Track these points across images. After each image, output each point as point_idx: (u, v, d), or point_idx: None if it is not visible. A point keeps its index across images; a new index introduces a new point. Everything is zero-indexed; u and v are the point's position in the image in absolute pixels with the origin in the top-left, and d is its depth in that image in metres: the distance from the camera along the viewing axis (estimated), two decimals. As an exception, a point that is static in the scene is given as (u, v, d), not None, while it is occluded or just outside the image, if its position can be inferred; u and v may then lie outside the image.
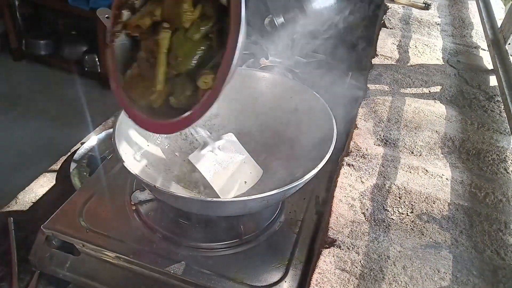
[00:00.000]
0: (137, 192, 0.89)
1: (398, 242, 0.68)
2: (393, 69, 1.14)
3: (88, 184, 0.93)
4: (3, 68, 3.11)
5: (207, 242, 0.82)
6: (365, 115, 0.96)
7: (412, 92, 1.05)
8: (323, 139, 0.87)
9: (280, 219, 0.88)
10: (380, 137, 0.90)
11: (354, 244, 0.67)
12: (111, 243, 0.80)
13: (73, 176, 1.09)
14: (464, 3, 1.54)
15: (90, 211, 0.86)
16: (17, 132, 2.53)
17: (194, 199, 0.78)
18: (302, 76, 1.35)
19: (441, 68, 1.15)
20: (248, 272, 0.77)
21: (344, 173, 0.81)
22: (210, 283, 0.74)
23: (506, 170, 0.83)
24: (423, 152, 0.87)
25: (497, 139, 0.91)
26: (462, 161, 0.86)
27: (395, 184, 0.78)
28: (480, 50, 1.25)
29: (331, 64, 1.45)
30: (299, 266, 0.79)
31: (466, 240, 0.69)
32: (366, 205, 0.74)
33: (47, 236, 0.83)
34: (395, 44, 1.27)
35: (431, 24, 1.39)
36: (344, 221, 0.71)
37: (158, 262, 0.77)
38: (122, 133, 0.84)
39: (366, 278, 0.62)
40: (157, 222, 0.85)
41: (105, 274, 0.83)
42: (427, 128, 0.93)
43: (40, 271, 0.87)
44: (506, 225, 0.72)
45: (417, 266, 0.64)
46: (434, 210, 0.74)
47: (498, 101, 1.03)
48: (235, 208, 0.78)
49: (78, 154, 1.16)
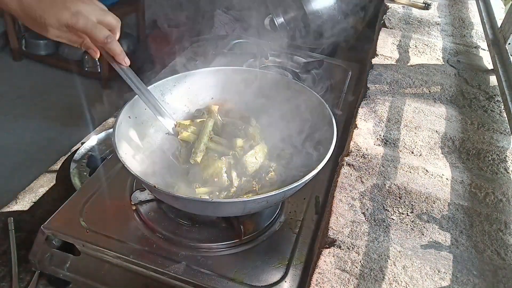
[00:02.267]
0: (137, 192, 0.89)
1: (398, 242, 0.68)
2: (393, 69, 1.14)
3: (88, 184, 0.93)
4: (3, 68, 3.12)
5: (207, 242, 0.82)
6: (365, 115, 0.96)
7: (412, 92, 1.05)
8: (323, 139, 0.87)
9: (280, 219, 0.88)
10: (380, 137, 0.90)
11: (354, 244, 0.67)
12: (111, 243, 0.80)
13: (73, 176, 1.09)
14: (464, 3, 1.54)
15: (90, 211, 0.86)
16: (17, 132, 2.53)
17: (194, 199, 0.78)
18: (302, 76, 1.35)
19: (441, 68, 1.15)
20: (248, 272, 0.77)
21: (344, 173, 0.81)
22: (210, 283, 0.74)
23: (506, 170, 0.83)
24: (423, 152, 0.87)
25: (497, 139, 0.91)
26: (462, 161, 0.86)
27: (395, 184, 0.78)
28: (480, 50, 1.25)
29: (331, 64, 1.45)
30: (299, 266, 0.79)
31: (466, 240, 0.69)
32: (366, 205, 0.74)
33: (47, 236, 0.83)
34: (395, 44, 1.27)
35: (431, 24, 1.39)
36: (344, 221, 0.71)
37: (158, 262, 0.77)
38: (122, 133, 0.84)
39: (366, 278, 0.62)
40: (157, 222, 0.85)
41: (105, 274, 0.83)
42: (427, 128, 0.93)
43: (40, 271, 0.87)
44: (506, 225, 0.72)
45: (417, 266, 0.64)
46: (434, 210, 0.74)
47: (498, 101, 1.03)
48: (235, 209, 0.78)
49: (78, 154, 1.16)
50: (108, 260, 0.82)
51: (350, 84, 1.36)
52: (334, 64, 1.45)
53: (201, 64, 1.32)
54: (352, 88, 1.34)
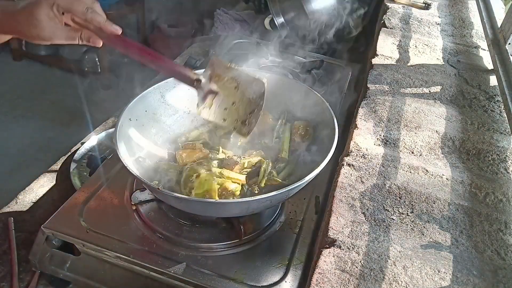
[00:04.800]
0: (137, 192, 0.89)
1: (398, 242, 0.68)
2: (393, 69, 1.14)
3: (88, 184, 0.93)
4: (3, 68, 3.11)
5: (207, 242, 0.82)
6: (365, 115, 0.96)
7: (412, 92, 1.05)
8: (324, 139, 0.87)
9: (280, 219, 0.88)
10: (380, 137, 0.90)
11: (354, 244, 0.67)
12: (111, 243, 0.80)
13: (73, 176, 1.09)
14: (464, 3, 1.54)
15: (90, 211, 0.86)
16: (17, 132, 2.53)
17: (196, 200, 0.78)
18: (302, 76, 1.35)
19: (441, 68, 1.15)
20: (248, 272, 0.77)
21: (344, 173, 0.81)
22: (210, 283, 0.74)
23: (506, 170, 0.83)
24: (423, 152, 0.87)
25: (497, 139, 0.91)
26: (462, 161, 0.86)
27: (395, 184, 0.78)
28: (480, 50, 1.25)
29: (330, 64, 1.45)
30: (299, 266, 0.79)
31: (466, 240, 0.69)
32: (366, 205, 0.74)
33: (47, 236, 0.83)
34: (395, 44, 1.27)
35: (431, 24, 1.39)
36: (344, 221, 0.71)
37: (158, 262, 0.77)
38: (123, 134, 0.84)
39: (366, 278, 0.62)
40: (158, 222, 0.85)
41: (105, 274, 0.83)
42: (427, 128, 0.93)
43: (40, 271, 0.87)
44: (506, 225, 0.72)
45: (418, 266, 0.64)
46: (434, 210, 0.74)
47: (498, 101, 1.03)
48: (238, 209, 0.78)
49: (78, 154, 1.16)
50: (108, 260, 0.82)
51: (350, 84, 1.36)
52: (334, 64, 1.45)
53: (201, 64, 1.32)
54: (352, 88, 1.34)
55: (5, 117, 2.63)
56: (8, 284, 0.85)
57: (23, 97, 2.82)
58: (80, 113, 2.09)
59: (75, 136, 1.28)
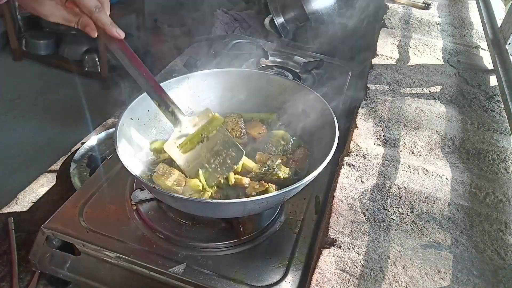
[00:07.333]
0: (137, 191, 0.89)
1: (398, 242, 0.68)
2: (393, 69, 1.14)
3: (88, 184, 0.93)
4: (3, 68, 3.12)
5: (207, 242, 0.82)
6: (365, 115, 0.96)
7: (412, 92, 1.05)
8: (324, 139, 0.87)
9: (280, 219, 0.88)
10: (380, 137, 0.90)
11: (354, 244, 0.67)
12: (111, 243, 0.80)
13: (73, 176, 1.09)
14: (464, 3, 1.54)
15: (90, 211, 0.86)
16: (17, 132, 2.53)
17: (194, 200, 0.78)
18: (302, 76, 1.35)
19: (441, 68, 1.15)
20: (248, 272, 0.77)
21: (344, 173, 0.81)
22: (210, 283, 0.74)
23: (506, 170, 0.83)
24: (423, 152, 0.87)
25: (497, 139, 0.91)
26: (462, 161, 0.86)
27: (395, 184, 0.78)
28: (480, 50, 1.25)
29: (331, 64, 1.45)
30: (299, 266, 0.79)
31: (466, 240, 0.69)
32: (366, 205, 0.74)
33: (47, 236, 0.83)
34: (395, 44, 1.27)
35: (431, 24, 1.39)
36: (344, 221, 0.71)
37: (158, 262, 0.77)
38: (123, 134, 0.84)
39: (366, 278, 0.62)
40: (157, 222, 0.85)
41: (105, 274, 0.83)
42: (427, 128, 0.93)
43: (40, 271, 0.87)
44: (506, 225, 0.72)
45: (418, 266, 0.64)
46: (434, 210, 0.74)
47: (498, 101, 1.03)
48: (234, 210, 0.78)
49: (78, 154, 1.16)
50: (108, 260, 0.82)
51: (350, 84, 1.35)
52: (334, 64, 1.45)
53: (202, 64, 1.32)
54: (352, 88, 1.34)
55: (5, 117, 2.63)
56: (8, 284, 0.85)
57: (23, 97, 2.82)
58: (80, 113, 2.09)
59: (75, 136, 1.28)
